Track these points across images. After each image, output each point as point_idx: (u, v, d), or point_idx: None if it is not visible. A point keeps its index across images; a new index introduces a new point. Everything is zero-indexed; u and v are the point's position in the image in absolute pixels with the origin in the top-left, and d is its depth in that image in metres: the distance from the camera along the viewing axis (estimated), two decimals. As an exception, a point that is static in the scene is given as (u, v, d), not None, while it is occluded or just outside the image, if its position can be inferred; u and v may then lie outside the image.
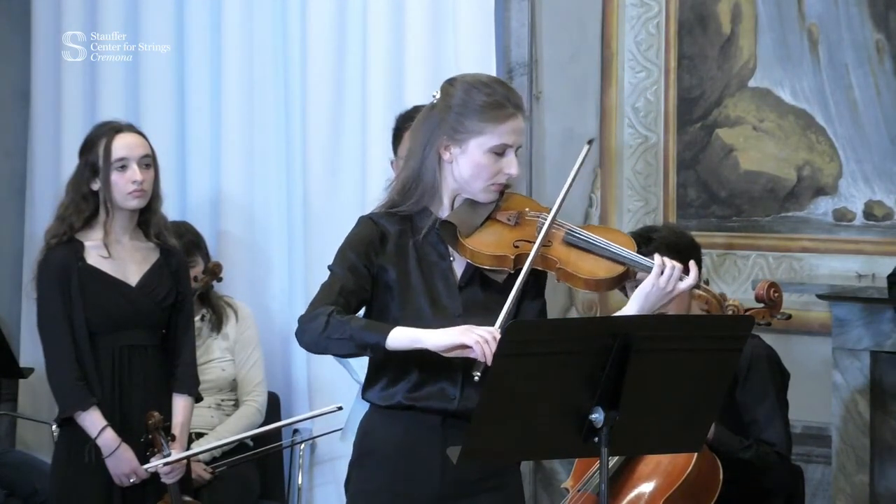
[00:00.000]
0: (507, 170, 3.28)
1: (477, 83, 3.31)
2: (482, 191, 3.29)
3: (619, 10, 5.20)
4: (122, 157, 4.31)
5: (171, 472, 4.31)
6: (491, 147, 3.26)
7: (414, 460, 3.30)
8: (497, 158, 3.27)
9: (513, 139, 3.27)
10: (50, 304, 4.34)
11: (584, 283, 3.25)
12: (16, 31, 6.06)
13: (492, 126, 3.26)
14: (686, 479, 3.84)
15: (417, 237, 3.31)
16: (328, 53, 5.46)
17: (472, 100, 3.27)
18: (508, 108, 3.27)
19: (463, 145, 3.27)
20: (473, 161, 3.27)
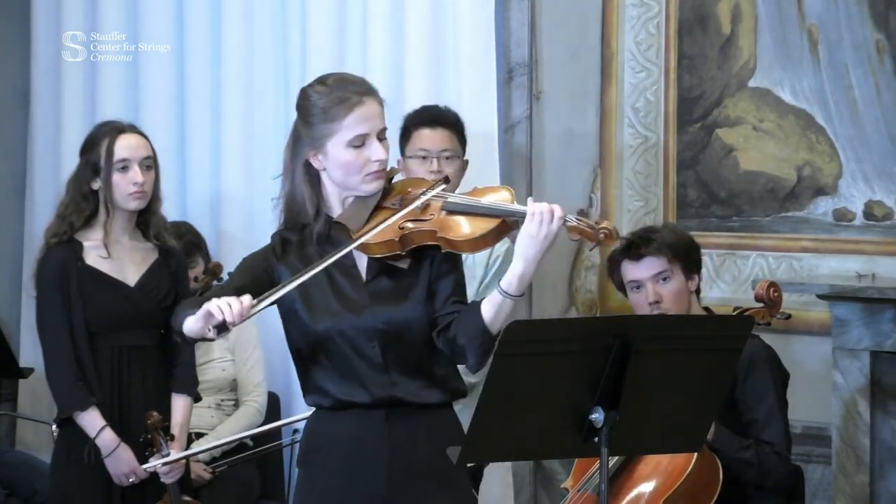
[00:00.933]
0: (373, 157, 3.27)
1: (315, 88, 3.32)
2: (360, 183, 3.29)
3: (619, 10, 5.20)
4: (124, 159, 4.31)
5: (171, 471, 4.31)
6: (348, 141, 3.26)
7: (360, 457, 3.31)
8: (360, 150, 3.26)
9: (366, 127, 3.27)
10: (49, 304, 4.34)
11: (463, 243, 3.21)
12: (16, 31, 6.05)
13: (339, 123, 3.26)
14: (686, 479, 3.84)
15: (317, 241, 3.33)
16: (328, 53, 5.46)
17: (314, 105, 3.29)
18: (351, 99, 3.26)
19: (324, 150, 3.29)
20: (338, 161, 3.28)
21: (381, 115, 3.31)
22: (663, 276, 4.15)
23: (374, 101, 3.30)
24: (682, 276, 4.17)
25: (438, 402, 3.33)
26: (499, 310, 3.18)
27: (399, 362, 3.29)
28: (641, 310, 4.16)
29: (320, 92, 3.30)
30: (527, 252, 3.15)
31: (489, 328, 3.19)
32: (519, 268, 3.16)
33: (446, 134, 4.51)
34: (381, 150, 3.27)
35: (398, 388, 3.29)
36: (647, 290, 4.15)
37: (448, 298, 3.30)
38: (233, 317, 3.10)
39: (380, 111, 3.31)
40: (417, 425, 3.31)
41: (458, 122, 4.56)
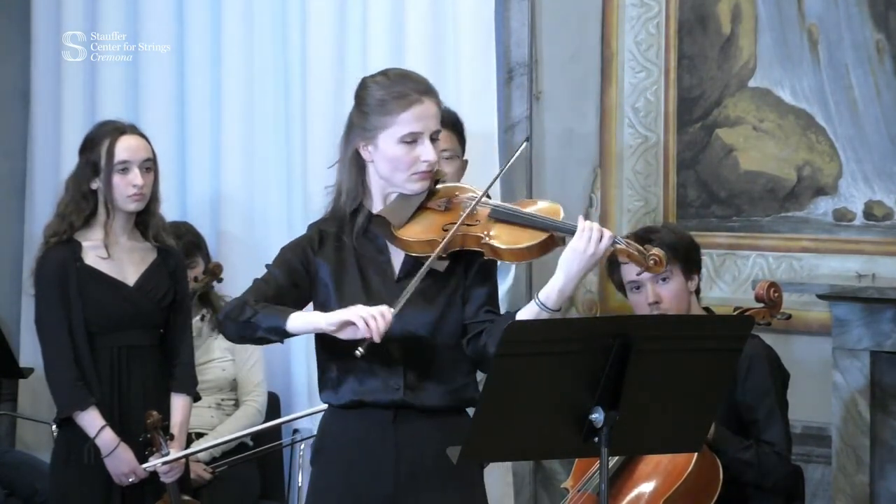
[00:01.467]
0: (423, 157, 3.27)
1: (375, 79, 3.33)
2: (406, 181, 3.29)
3: (619, 10, 5.20)
4: (125, 160, 4.31)
5: (170, 471, 4.31)
6: (400, 137, 3.26)
7: (367, 457, 3.31)
8: (410, 148, 3.26)
9: (421, 125, 3.27)
10: (48, 304, 4.34)
11: (509, 253, 3.22)
12: (16, 31, 6.05)
13: (394, 117, 3.26)
14: (686, 479, 3.84)
15: (355, 235, 3.33)
16: (328, 53, 5.46)
17: (372, 96, 3.29)
18: (410, 96, 3.26)
19: (375, 142, 3.28)
20: (387, 155, 3.28)
21: (436, 117, 3.30)
22: (663, 276, 4.15)
23: (433, 102, 3.30)
24: (681, 276, 4.17)
25: (448, 407, 3.32)
26: None
27: (419, 366, 3.29)
28: (641, 310, 4.17)
29: (380, 83, 3.30)
30: (570, 267, 3.18)
31: None
32: (559, 282, 3.19)
33: (445, 134, 4.50)
34: (431, 151, 3.27)
35: (411, 393, 3.28)
36: (646, 290, 4.15)
37: (482, 307, 3.30)
38: (379, 335, 3.12)
39: (436, 112, 3.31)
40: (425, 429, 3.30)
41: (458, 122, 4.56)
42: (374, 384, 3.29)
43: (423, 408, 3.29)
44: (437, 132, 3.29)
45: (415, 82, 3.30)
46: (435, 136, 3.29)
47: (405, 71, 3.38)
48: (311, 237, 3.37)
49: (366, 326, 3.11)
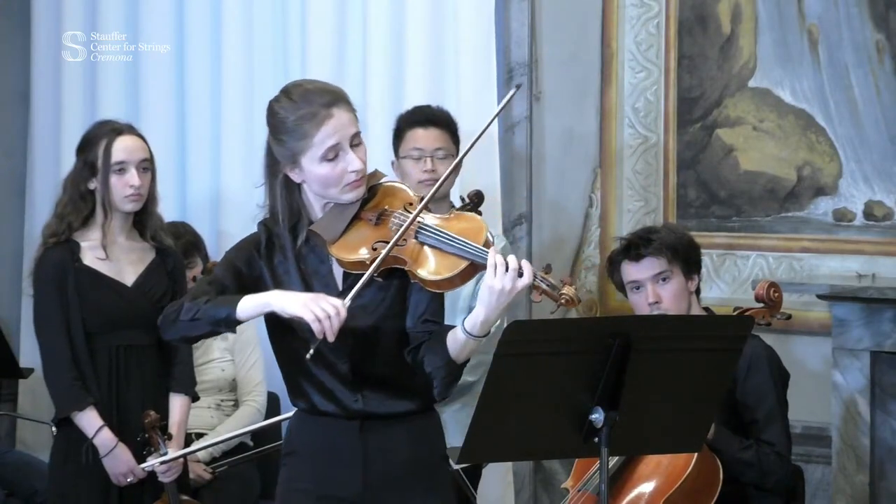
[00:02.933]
0: (350, 168, 3.19)
1: (280, 103, 3.24)
2: (340, 194, 3.23)
3: (619, 10, 5.20)
4: (122, 161, 4.31)
5: (168, 470, 4.31)
6: (321, 157, 3.19)
7: (334, 462, 3.30)
8: (335, 163, 3.19)
9: (337, 138, 3.18)
10: (46, 304, 4.34)
11: (431, 283, 3.13)
12: (16, 31, 6.05)
13: (309, 140, 3.18)
14: (686, 479, 3.84)
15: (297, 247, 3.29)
16: (328, 53, 5.46)
17: (282, 122, 3.22)
18: (319, 113, 3.18)
19: (299, 165, 3.22)
20: (314, 175, 3.21)
21: (351, 122, 3.22)
22: (663, 276, 4.15)
23: (343, 110, 3.21)
24: (681, 276, 4.16)
25: (412, 410, 3.30)
26: (463, 347, 3.13)
27: (370, 377, 3.27)
28: (641, 310, 4.16)
29: (287, 107, 3.22)
30: (489, 301, 3.07)
31: (454, 360, 3.15)
32: (481, 315, 3.08)
33: (439, 133, 4.51)
34: (355, 160, 3.19)
35: (370, 403, 3.27)
36: (646, 290, 4.15)
37: (421, 317, 3.23)
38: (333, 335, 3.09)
39: (349, 118, 3.21)
40: (392, 434, 3.29)
41: (451, 121, 4.56)
42: (334, 397, 3.28)
43: (388, 415, 3.28)
44: (356, 136, 3.21)
45: (319, 96, 3.20)
46: (355, 140, 3.21)
47: (307, 85, 3.26)
48: (258, 240, 3.33)
49: (320, 329, 3.08)
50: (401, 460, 3.29)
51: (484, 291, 3.07)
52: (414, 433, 3.30)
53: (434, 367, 3.18)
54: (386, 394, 3.27)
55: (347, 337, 3.21)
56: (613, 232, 5.19)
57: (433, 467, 3.33)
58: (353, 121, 3.23)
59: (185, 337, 3.30)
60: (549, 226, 5.37)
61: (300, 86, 3.27)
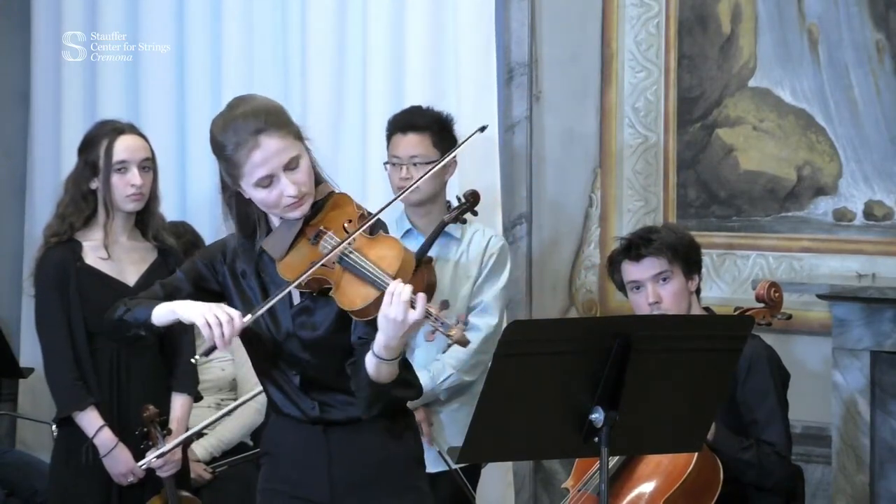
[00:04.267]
0: (285, 193, 3.17)
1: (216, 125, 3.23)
2: (282, 214, 3.22)
3: (619, 10, 5.20)
4: (123, 161, 4.31)
5: (165, 465, 4.30)
6: (255, 183, 3.18)
7: (303, 465, 3.32)
8: (270, 189, 3.17)
9: (267, 168, 3.15)
10: (48, 304, 4.34)
11: (348, 311, 3.13)
12: (16, 31, 6.05)
13: (242, 168, 3.17)
14: (686, 479, 3.84)
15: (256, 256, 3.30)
16: (328, 54, 5.46)
17: (220, 150, 3.21)
18: (247, 143, 3.15)
19: (241, 187, 3.22)
20: (255, 198, 3.21)
21: (282, 150, 3.16)
22: (663, 276, 4.15)
23: (271, 137, 3.15)
24: (682, 276, 4.16)
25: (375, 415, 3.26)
26: (377, 369, 3.12)
27: (323, 387, 3.28)
28: (641, 310, 4.16)
29: (218, 133, 3.21)
30: (387, 329, 3.05)
31: (374, 381, 3.14)
32: (381, 340, 3.07)
33: (416, 139, 4.49)
34: (289, 185, 3.16)
35: (327, 410, 3.29)
36: (646, 290, 4.15)
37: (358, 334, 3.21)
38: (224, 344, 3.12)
39: (280, 145, 3.16)
40: (357, 438, 3.29)
41: (436, 124, 4.52)
42: (295, 404, 3.31)
43: (350, 420, 3.28)
44: (291, 161, 3.17)
45: (246, 124, 3.16)
46: (291, 165, 3.17)
47: (238, 110, 3.21)
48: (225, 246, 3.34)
49: (209, 334, 3.12)
50: (367, 464, 3.29)
51: (381, 322, 3.05)
52: (382, 437, 3.30)
53: (356, 387, 3.19)
54: (342, 401, 3.27)
55: (297, 350, 3.26)
56: (613, 232, 5.18)
57: (404, 470, 3.33)
58: (285, 146, 3.18)
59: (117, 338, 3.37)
60: (549, 226, 5.37)
61: (232, 109, 3.24)
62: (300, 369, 3.29)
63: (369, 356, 3.12)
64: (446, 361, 4.40)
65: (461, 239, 4.53)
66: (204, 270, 3.35)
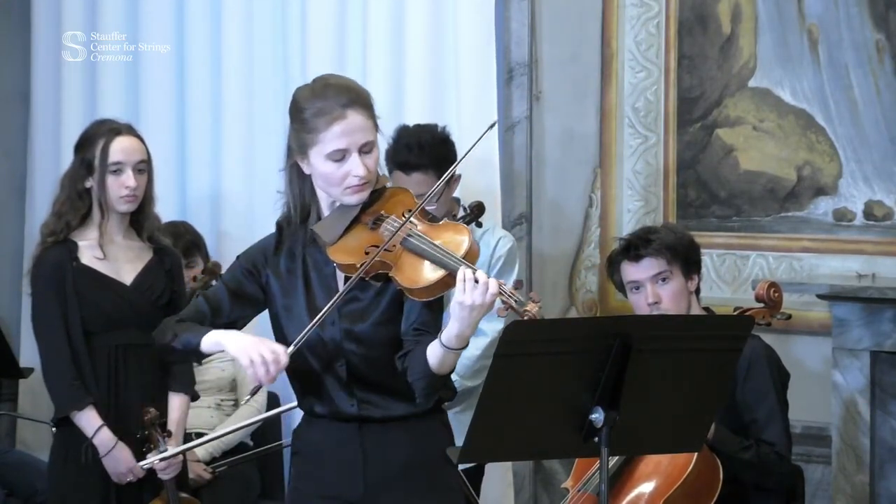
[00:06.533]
0: (353, 172, 3.18)
1: (302, 93, 3.25)
2: (341, 195, 3.22)
3: (619, 10, 5.20)
4: (118, 162, 4.31)
5: (167, 467, 4.31)
6: (326, 154, 3.18)
7: (336, 463, 3.31)
8: (339, 164, 3.18)
9: (345, 142, 3.17)
10: (45, 304, 4.34)
11: (408, 290, 3.12)
12: (16, 31, 6.05)
13: (318, 135, 3.18)
14: (686, 479, 3.84)
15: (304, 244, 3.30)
16: (328, 53, 5.46)
17: (301, 112, 3.22)
18: (333, 112, 3.17)
19: (307, 158, 3.22)
20: (319, 171, 3.21)
21: (364, 129, 3.20)
22: (662, 276, 4.15)
23: (358, 114, 3.19)
24: (681, 276, 4.16)
25: (410, 413, 3.28)
26: (442, 360, 3.12)
27: (365, 381, 3.27)
28: (641, 310, 4.16)
29: (305, 98, 3.22)
30: (461, 315, 3.05)
31: (435, 372, 3.14)
32: (455, 329, 3.07)
33: (421, 178, 4.43)
34: (360, 165, 3.18)
35: (366, 407, 3.28)
36: (646, 290, 4.15)
37: (412, 325, 3.22)
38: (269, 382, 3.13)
39: (363, 124, 3.19)
40: (391, 436, 3.29)
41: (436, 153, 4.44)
42: (331, 402, 3.30)
43: (385, 418, 3.28)
44: (367, 144, 3.19)
45: (337, 95, 3.19)
46: (366, 148, 3.19)
47: (330, 81, 3.26)
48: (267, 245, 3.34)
49: (254, 374, 3.13)
50: (401, 462, 3.28)
51: (455, 306, 3.05)
52: (414, 435, 3.30)
53: (414, 377, 3.18)
54: (382, 398, 3.27)
55: (344, 341, 3.24)
56: (613, 232, 5.19)
57: (436, 470, 3.32)
58: (366, 127, 3.21)
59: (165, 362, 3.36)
60: (549, 226, 5.37)
61: (325, 79, 3.27)
62: (346, 361, 3.26)
63: (435, 347, 3.10)
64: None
65: None
66: (243, 276, 3.34)
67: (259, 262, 3.33)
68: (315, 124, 3.18)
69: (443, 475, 3.35)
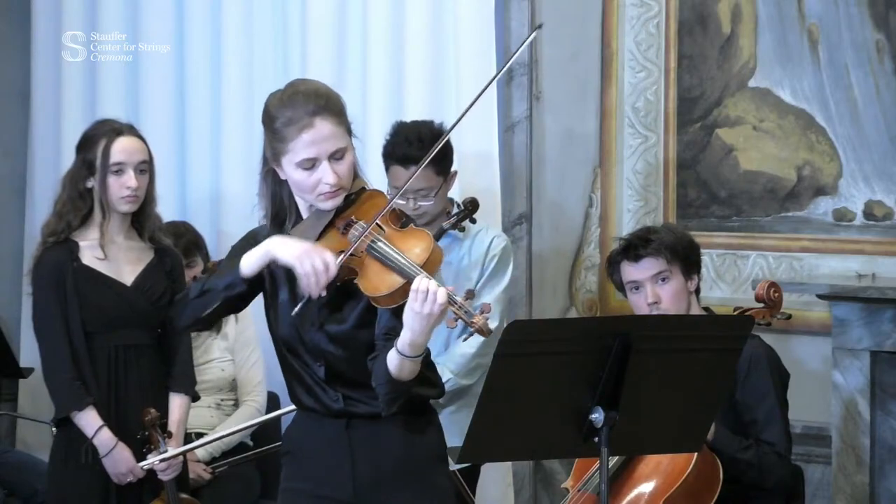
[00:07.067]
0: (324, 180, 3.18)
1: (272, 100, 3.24)
2: (315, 201, 3.23)
3: (619, 10, 5.20)
4: (120, 162, 4.31)
5: (168, 468, 4.31)
6: (297, 163, 3.18)
7: (325, 461, 3.31)
8: (311, 172, 3.18)
9: (314, 151, 3.16)
10: (45, 304, 4.34)
11: (372, 298, 3.14)
12: (16, 31, 6.05)
13: (289, 143, 3.17)
14: (686, 479, 3.84)
15: None
16: (328, 53, 5.46)
17: (271, 122, 3.21)
18: (301, 121, 3.16)
19: (280, 165, 3.23)
20: (292, 178, 3.22)
21: (333, 136, 3.19)
22: (662, 276, 4.15)
23: (326, 121, 3.17)
24: (681, 276, 4.16)
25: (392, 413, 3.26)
26: (400, 366, 3.11)
27: (345, 380, 3.27)
28: (641, 310, 4.16)
29: (275, 106, 3.22)
30: (412, 324, 3.06)
31: (395, 378, 3.14)
32: (407, 337, 3.07)
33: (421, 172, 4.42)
34: (330, 174, 3.17)
35: (351, 403, 3.28)
36: (645, 290, 4.15)
37: (382, 329, 3.22)
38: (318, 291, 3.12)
39: (333, 131, 3.18)
40: (380, 433, 3.29)
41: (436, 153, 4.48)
42: (317, 397, 3.30)
43: (372, 415, 3.27)
44: (337, 151, 3.19)
45: (305, 103, 3.17)
46: (337, 154, 3.19)
47: (299, 87, 3.24)
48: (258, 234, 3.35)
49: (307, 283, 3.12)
50: (390, 460, 3.28)
51: (406, 317, 3.06)
52: (405, 433, 3.29)
53: (376, 383, 3.18)
54: (366, 395, 3.27)
55: (323, 342, 3.26)
56: (613, 232, 5.19)
57: (427, 468, 3.32)
58: (336, 134, 3.20)
59: (198, 317, 3.29)
60: (549, 226, 5.37)
61: (294, 86, 3.26)
62: (325, 362, 3.27)
63: (392, 353, 3.11)
64: (445, 366, 4.39)
65: (463, 240, 4.52)
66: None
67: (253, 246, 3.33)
68: (285, 133, 3.18)
69: (433, 475, 3.34)
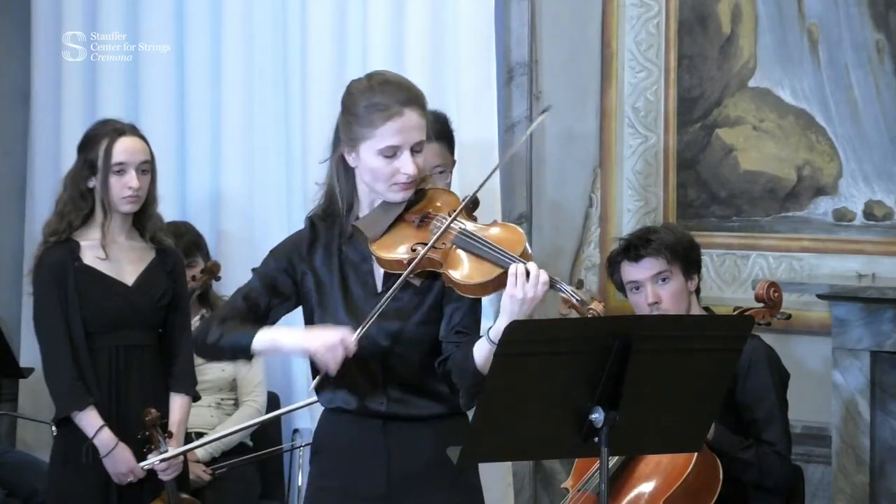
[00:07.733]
0: (403, 170, 3.20)
1: (359, 86, 3.26)
2: (387, 191, 3.24)
3: (619, 10, 5.20)
4: (122, 162, 4.31)
5: (168, 468, 4.31)
6: (379, 150, 3.19)
7: (360, 460, 3.31)
8: (390, 160, 3.20)
9: (400, 139, 3.19)
10: (46, 303, 4.34)
11: (461, 287, 3.15)
12: (16, 31, 6.05)
13: (374, 129, 3.19)
14: (686, 479, 3.84)
15: (343, 241, 3.30)
16: (328, 53, 5.46)
17: (356, 104, 3.23)
18: (391, 108, 3.19)
19: (357, 150, 3.23)
20: (367, 165, 3.22)
21: (419, 128, 3.22)
22: (662, 276, 4.15)
23: (415, 113, 3.21)
24: (681, 276, 4.17)
25: (437, 414, 3.30)
26: (489, 357, 3.11)
27: (398, 379, 3.27)
28: (641, 310, 4.17)
29: (362, 91, 3.23)
30: (511, 310, 3.10)
31: (481, 371, 3.15)
32: (504, 323, 3.08)
33: (437, 148, 4.44)
34: (411, 164, 3.20)
35: (394, 405, 3.28)
36: (646, 290, 4.15)
37: (454, 327, 3.24)
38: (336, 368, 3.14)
39: (418, 123, 3.21)
40: (416, 434, 3.29)
41: (450, 134, 4.48)
42: (360, 397, 3.29)
43: (411, 417, 3.28)
44: (419, 143, 3.22)
45: (396, 92, 3.21)
46: (417, 147, 3.22)
47: (389, 77, 3.27)
48: (300, 243, 3.34)
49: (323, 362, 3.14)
50: (424, 460, 3.29)
51: (505, 303, 3.10)
52: (439, 435, 3.28)
53: (460, 379, 3.19)
54: (412, 397, 3.27)
55: (381, 339, 3.24)
56: (613, 232, 5.19)
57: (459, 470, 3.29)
58: (421, 126, 3.23)
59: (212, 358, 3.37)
60: (549, 226, 5.37)
61: (383, 75, 3.28)
62: (380, 358, 3.25)
63: (483, 344, 3.12)
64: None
65: None
66: (278, 272, 3.33)
67: (294, 258, 3.33)
68: (371, 118, 3.20)
69: (466, 473, 3.35)
